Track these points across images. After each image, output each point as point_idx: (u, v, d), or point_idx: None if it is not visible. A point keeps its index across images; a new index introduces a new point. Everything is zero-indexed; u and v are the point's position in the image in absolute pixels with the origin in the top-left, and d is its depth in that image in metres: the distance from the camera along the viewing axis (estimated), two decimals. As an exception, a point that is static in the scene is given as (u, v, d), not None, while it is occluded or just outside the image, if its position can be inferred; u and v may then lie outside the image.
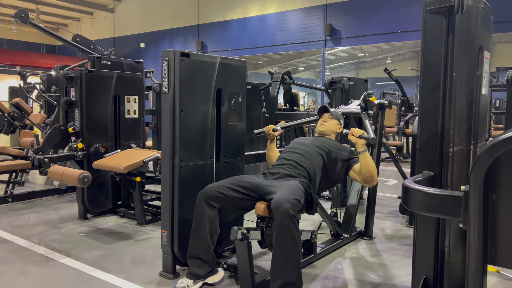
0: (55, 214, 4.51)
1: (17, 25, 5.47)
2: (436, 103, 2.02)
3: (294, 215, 2.39)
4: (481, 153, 1.47)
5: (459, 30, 2.00)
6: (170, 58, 2.78)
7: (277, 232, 2.38)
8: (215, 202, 2.68)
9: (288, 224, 2.37)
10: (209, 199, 2.68)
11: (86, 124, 4.21)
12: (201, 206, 2.68)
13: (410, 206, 1.71)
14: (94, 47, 5.73)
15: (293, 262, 2.39)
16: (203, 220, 2.67)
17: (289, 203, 2.42)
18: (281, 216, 2.37)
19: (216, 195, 2.68)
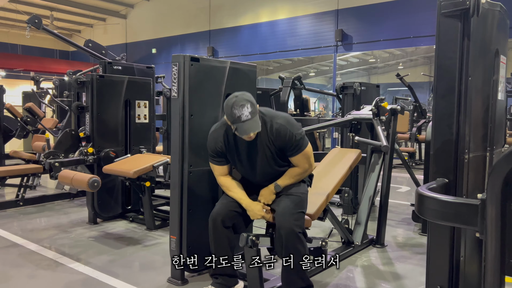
0: (65, 218, 4.53)
1: (31, 31, 5.54)
2: (451, 109, 1.97)
3: (298, 232, 2.42)
4: (499, 160, 1.42)
5: (475, 34, 1.95)
6: (180, 62, 2.77)
7: (285, 249, 2.41)
8: (230, 221, 2.59)
9: (294, 243, 2.41)
10: (225, 219, 2.57)
11: (97, 128, 4.22)
12: (219, 228, 2.56)
13: (425, 214, 1.66)
14: (106, 52, 5.77)
15: (301, 270, 2.43)
16: (223, 240, 2.58)
17: (293, 219, 2.42)
18: (285, 234, 2.40)
19: (231, 215, 2.59)
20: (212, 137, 2.63)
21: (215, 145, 2.60)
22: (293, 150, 2.54)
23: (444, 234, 1.97)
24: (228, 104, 2.42)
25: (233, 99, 2.41)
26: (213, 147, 2.62)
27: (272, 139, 2.52)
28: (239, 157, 2.63)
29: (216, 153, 2.62)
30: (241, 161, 2.64)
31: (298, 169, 2.63)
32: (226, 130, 2.58)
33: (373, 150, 3.90)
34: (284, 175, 2.65)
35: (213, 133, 2.64)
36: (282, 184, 2.62)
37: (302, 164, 2.62)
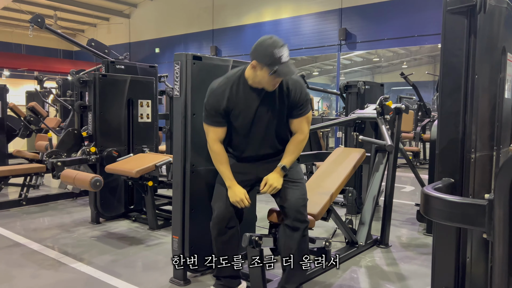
0: (68, 218, 4.52)
1: (34, 31, 5.55)
2: (457, 107, 1.93)
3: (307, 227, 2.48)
4: (507, 160, 1.38)
5: (481, 31, 1.91)
6: (182, 61, 2.75)
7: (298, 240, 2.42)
8: (234, 221, 2.53)
9: (305, 234, 2.45)
10: (230, 221, 2.50)
11: (99, 128, 4.21)
12: (226, 232, 2.50)
13: (430, 215, 1.63)
14: (109, 51, 5.76)
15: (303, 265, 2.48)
16: (229, 243, 2.52)
17: (304, 211, 2.46)
18: (302, 229, 2.44)
19: (233, 214, 2.51)
20: (214, 95, 2.43)
21: (218, 103, 2.42)
22: (302, 109, 2.48)
23: (450, 235, 1.93)
24: (264, 44, 2.29)
25: (270, 40, 2.29)
26: (215, 105, 2.42)
27: (286, 93, 2.43)
28: (244, 114, 2.44)
29: (217, 112, 2.43)
30: (245, 119, 2.46)
31: (300, 135, 2.53)
32: (232, 85, 2.43)
33: (377, 150, 3.87)
34: (286, 152, 2.54)
35: (216, 90, 2.44)
36: (287, 164, 2.51)
37: (304, 129, 2.53)
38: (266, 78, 2.31)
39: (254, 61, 2.33)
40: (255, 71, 2.35)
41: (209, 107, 2.45)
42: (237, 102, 2.43)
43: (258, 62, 2.30)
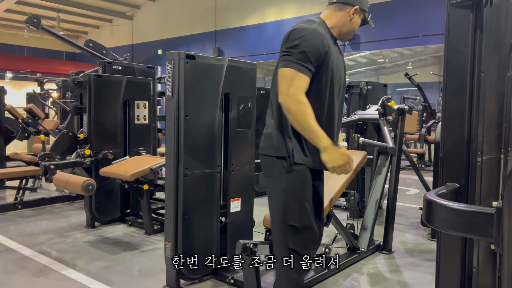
0: (63, 222, 4.42)
1: (38, 33, 5.48)
2: (462, 107, 1.81)
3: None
4: (518, 164, 1.26)
5: (488, 26, 1.79)
6: (175, 60, 2.64)
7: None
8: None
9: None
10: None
11: (95, 130, 4.12)
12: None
13: (434, 224, 1.51)
14: (107, 52, 5.68)
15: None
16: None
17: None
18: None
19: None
20: (316, 33, 1.97)
21: (322, 43, 1.96)
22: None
23: (455, 244, 1.81)
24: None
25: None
26: (318, 44, 1.94)
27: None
28: (338, 75, 2.08)
29: (314, 55, 1.93)
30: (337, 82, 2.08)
31: None
32: (326, 34, 2.06)
33: (380, 152, 3.74)
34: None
35: (315, 30, 1.98)
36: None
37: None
38: (357, 27, 2.12)
39: (356, 7, 2.09)
40: (352, 18, 2.11)
41: (307, 47, 1.92)
42: (330, 55, 2.00)
43: (361, 7, 2.10)
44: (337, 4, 2.14)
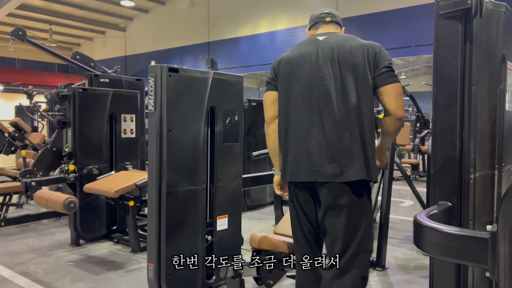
0: (47, 240, 4.28)
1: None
2: (453, 122, 1.72)
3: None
4: (512, 186, 1.17)
5: (478, 37, 1.71)
6: (157, 73, 2.55)
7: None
8: None
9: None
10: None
11: (79, 144, 4.00)
12: None
13: (424, 248, 1.41)
14: (95, 64, 5.59)
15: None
16: None
17: None
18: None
19: None
20: None
21: None
22: None
23: (448, 268, 1.71)
24: None
25: None
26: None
27: None
28: None
29: None
30: None
31: None
32: None
33: (372, 165, 3.65)
34: None
35: None
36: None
37: None
38: None
39: (344, 28, 2.28)
40: None
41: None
42: None
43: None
44: (335, 23, 2.21)
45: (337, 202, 1.91)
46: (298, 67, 2.02)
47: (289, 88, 2.03)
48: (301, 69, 2.01)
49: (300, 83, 2.00)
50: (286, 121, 2.04)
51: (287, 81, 2.05)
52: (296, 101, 2.00)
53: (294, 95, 2.01)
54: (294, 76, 2.02)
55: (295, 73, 2.03)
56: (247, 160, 5.42)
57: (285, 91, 2.06)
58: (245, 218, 4.99)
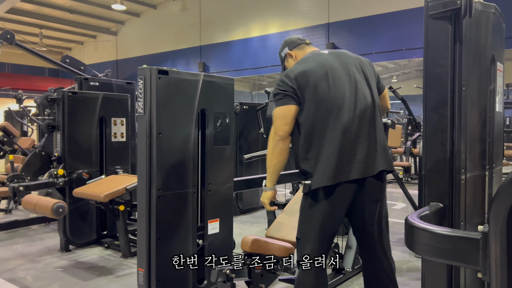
0: (36, 246, 4.21)
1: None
2: (444, 123, 1.72)
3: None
4: (503, 185, 1.16)
5: (468, 38, 1.71)
6: (146, 76, 2.53)
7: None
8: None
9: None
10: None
11: (69, 148, 3.95)
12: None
13: (416, 250, 1.40)
14: (85, 68, 5.54)
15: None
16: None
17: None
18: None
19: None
20: None
21: None
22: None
23: (440, 270, 1.70)
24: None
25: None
26: None
27: None
28: None
29: None
30: None
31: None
32: None
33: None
34: None
35: None
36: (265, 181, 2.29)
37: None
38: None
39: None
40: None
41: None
42: None
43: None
44: (312, 45, 2.47)
45: (382, 193, 2.20)
46: (330, 77, 2.08)
47: (327, 96, 2.06)
48: (337, 78, 2.10)
49: (340, 90, 2.08)
50: (322, 127, 2.05)
51: (322, 90, 2.06)
52: (338, 107, 2.05)
53: (335, 102, 2.05)
54: (331, 85, 2.07)
55: (330, 81, 2.07)
56: (239, 164, 5.40)
57: (321, 100, 2.06)
58: (237, 222, 4.95)
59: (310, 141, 2.07)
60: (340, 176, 2.02)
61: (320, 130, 2.05)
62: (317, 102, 2.07)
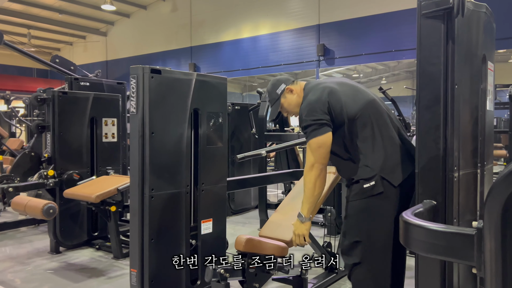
0: (25, 248, 4.15)
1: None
2: (437, 121, 1.73)
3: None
4: (497, 182, 1.17)
5: (460, 37, 1.73)
6: (139, 75, 2.51)
7: None
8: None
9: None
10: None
11: (59, 149, 3.90)
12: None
13: (411, 246, 1.40)
14: (75, 68, 5.49)
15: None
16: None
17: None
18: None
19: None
20: None
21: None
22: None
23: (434, 266, 1.71)
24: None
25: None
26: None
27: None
28: None
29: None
30: None
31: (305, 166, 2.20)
32: None
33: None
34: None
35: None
36: (302, 211, 2.26)
37: (307, 157, 2.20)
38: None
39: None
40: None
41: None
42: None
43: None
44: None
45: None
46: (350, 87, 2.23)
47: (362, 102, 2.17)
48: (356, 87, 2.26)
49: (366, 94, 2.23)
50: (373, 135, 2.13)
51: (356, 97, 2.17)
52: (379, 119, 2.16)
53: (376, 116, 2.16)
54: (357, 91, 2.22)
55: (354, 89, 2.23)
56: (231, 164, 5.39)
57: (359, 108, 2.14)
58: (230, 222, 4.94)
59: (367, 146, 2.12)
60: (403, 174, 2.10)
61: (369, 138, 2.13)
62: (355, 112, 2.13)
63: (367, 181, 2.07)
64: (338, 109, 2.11)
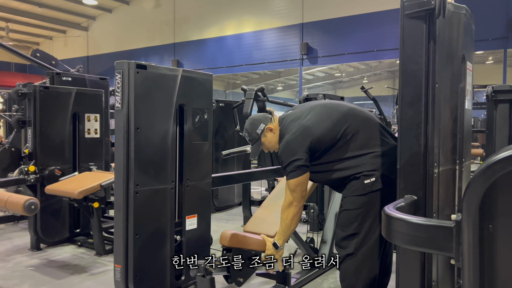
0: (4, 245, 4.08)
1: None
2: (418, 118, 1.79)
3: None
4: (475, 176, 1.22)
5: (441, 37, 1.79)
6: (125, 70, 2.50)
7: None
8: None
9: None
10: None
11: (40, 144, 3.85)
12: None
13: (392, 238, 1.45)
14: (56, 63, 5.40)
15: None
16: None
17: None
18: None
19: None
20: None
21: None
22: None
23: (414, 258, 1.77)
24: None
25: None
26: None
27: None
28: None
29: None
30: None
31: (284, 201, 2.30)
32: None
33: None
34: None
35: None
36: (277, 240, 2.38)
37: (285, 194, 2.29)
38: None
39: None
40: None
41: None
42: None
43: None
44: None
45: None
46: (321, 105, 2.40)
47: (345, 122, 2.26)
48: (325, 104, 2.44)
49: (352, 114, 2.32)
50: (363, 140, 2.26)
51: (336, 123, 2.26)
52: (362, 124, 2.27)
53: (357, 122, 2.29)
54: (329, 106, 2.41)
55: (327, 106, 2.40)
56: (215, 161, 5.40)
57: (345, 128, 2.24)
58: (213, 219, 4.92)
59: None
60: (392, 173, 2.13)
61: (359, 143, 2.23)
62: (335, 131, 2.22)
63: (368, 177, 2.14)
64: (316, 143, 2.20)
